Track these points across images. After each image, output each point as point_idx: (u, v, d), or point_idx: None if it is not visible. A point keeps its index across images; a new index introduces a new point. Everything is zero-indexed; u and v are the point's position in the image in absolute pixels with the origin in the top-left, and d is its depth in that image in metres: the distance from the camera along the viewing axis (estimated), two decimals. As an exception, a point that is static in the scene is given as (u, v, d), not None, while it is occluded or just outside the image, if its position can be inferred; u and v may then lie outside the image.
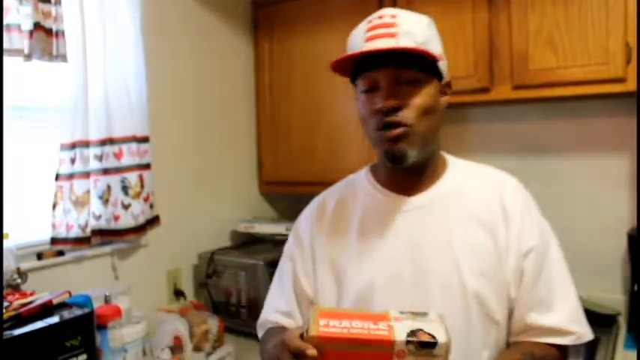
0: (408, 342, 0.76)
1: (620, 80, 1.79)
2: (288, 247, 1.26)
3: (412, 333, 0.77)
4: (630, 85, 1.77)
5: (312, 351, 0.79)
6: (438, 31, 1.09)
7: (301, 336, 0.84)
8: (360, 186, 1.18)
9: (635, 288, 1.85)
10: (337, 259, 1.12)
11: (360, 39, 1.04)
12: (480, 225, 1.04)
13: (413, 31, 1.01)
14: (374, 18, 1.05)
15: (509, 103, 2.19)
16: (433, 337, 0.77)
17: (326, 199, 1.23)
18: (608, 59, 1.80)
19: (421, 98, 1.01)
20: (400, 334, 0.77)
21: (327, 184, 2.40)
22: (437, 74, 1.05)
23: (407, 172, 1.08)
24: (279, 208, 2.80)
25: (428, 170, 1.10)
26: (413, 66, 1.01)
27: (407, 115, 1.00)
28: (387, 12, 1.05)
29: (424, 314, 0.84)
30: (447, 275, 1.01)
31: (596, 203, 2.12)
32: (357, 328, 0.79)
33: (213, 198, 2.42)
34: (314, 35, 2.42)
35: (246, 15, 2.61)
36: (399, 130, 1.01)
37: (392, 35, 1.00)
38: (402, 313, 0.84)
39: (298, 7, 2.45)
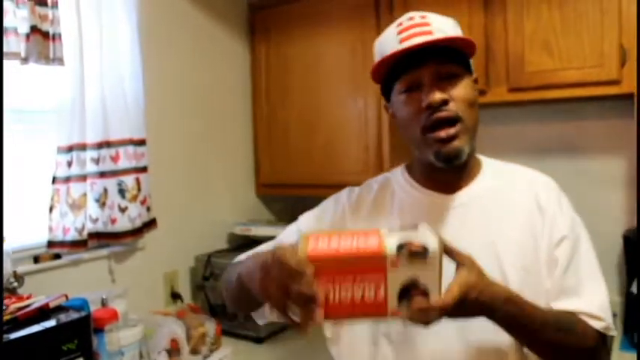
0: (399, 253, 0.76)
1: (615, 82, 1.80)
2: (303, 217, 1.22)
3: (402, 246, 0.76)
4: (625, 88, 1.79)
5: (310, 269, 0.74)
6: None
7: None
8: (396, 183, 1.16)
9: (633, 290, 1.85)
10: None
11: (393, 41, 1.03)
12: (518, 222, 1.04)
13: (444, 28, 1.02)
14: (403, 20, 1.05)
15: (505, 105, 2.20)
16: (424, 247, 0.76)
17: (363, 193, 1.18)
18: (603, 61, 1.81)
19: (465, 90, 1.01)
20: (391, 247, 0.76)
21: (324, 186, 2.42)
22: (469, 69, 1.06)
23: (446, 171, 1.05)
24: (276, 210, 2.80)
25: (466, 169, 1.09)
26: (452, 60, 1.01)
27: (456, 107, 1.00)
28: (415, 14, 1.06)
29: (415, 226, 0.82)
30: (489, 272, 0.97)
31: (592, 204, 2.12)
32: (347, 245, 0.77)
33: (210, 200, 2.42)
34: (311, 38, 2.43)
35: (242, 18, 2.61)
36: (453, 128, 0.99)
37: (428, 33, 1.00)
38: (391, 229, 0.82)
39: (295, 10, 2.46)
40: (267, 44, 2.57)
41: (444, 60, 1.00)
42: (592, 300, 1.00)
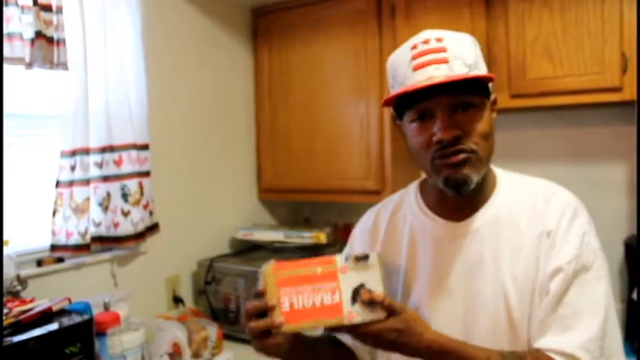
0: (346, 259, 0.96)
1: (616, 89, 1.81)
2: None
3: (348, 257, 0.97)
4: (626, 95, 1.79)
5: (274, 280, 0.93)
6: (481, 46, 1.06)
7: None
8: (409, 206, 1.14)
9: (634, 296, 1.85)
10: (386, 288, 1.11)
11: (407, 67, 0.98)
12: (524, 251, 1.00)
13: (462, 54, 0.97)
14: (418, 42, 0.98)
15: (506, 111, 2.21)
16: (365, 254, 0.97)
17: (379, 214, 1.19)
18: (604, 69, 1.82)
19: (481, 124, 0.97)
20: (340, 258, 0.97)
21: (325, 192, 2.44)
22: (487, 94, 1.01)
23: (458, 196, 1.02)
24: (278, 215, 2.81)
25: (479, 193, 1.04)
26: (468, 91, 0.96)
27: (469, 143, 0.96)
28: (432, 35, 0.98)
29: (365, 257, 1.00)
30: (494, 302, 0.99)
31: (593, 211, 2.10)
32: (306, 263, 0.97)
33: (213, 205, 2.43)
34: (313, 44, 2.44)
35: (245, 23, 2.63)
36: (463, 155, 0.96)
37: (443, 61, 0.95)
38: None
39: (297, 15, 2.47)
40: (269, 49, 2.58)
41: (460, 90, 0.95)
42: (580, 335, 0.93)
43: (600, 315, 0.95)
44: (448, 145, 0.95)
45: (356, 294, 0.93)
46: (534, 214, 1.01)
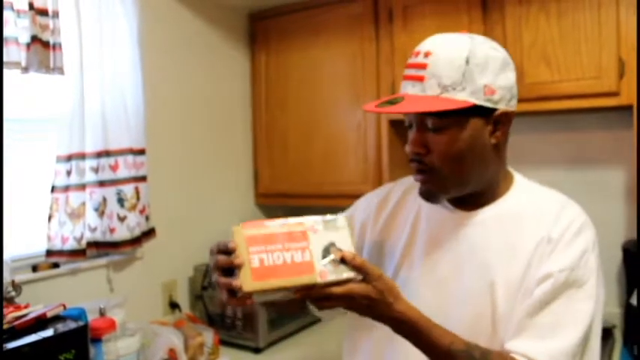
0: (315, 222, 0.94)
1: (614, 94, 1.81)
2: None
3: (317, 219, 0.95)
4: (624, 99, 1.79)
5: (242, 237, 0.91)
6: (493, 56, 0.98)
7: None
8: (416, 190, 1.11)
9: (633, 301, 1.85)
10: (381, 261, 1.13)
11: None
12: (521, 252, 0.99)
13: (443, 73, 0.95)
14: (415, 51, 1.01)
15: (504, 116, 2.21)
16: (335, 217, 0.96)
17: (392, 190, 1.22)
18: (601, 73, 1.82)
19: (445, 145, 0.97)
20: (309, 219, 0.95)
21: (323, 196, 2.44)
22: (479, 112, 0.97)
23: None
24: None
25: (488, 191, 1.05)
26: (437, 113, 0.96)
27: (430, 160, 0.99)
28: (424, 48, 1.00)
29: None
30: (479, 298, 0.98)
31: (591, 216, 2.10)
32: (277, 223, 0.94)
33: (209, 210, 2.42)
34: (310, 48, 2.44)
35: (243, 28, 2.62)
36: (419, 177, 1.02)
37: (419, 79, 0.98)
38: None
39: (295, 20, 2.47)
40: (267, 54, 2.58)
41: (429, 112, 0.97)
42: (552, 347, 0.91)
43: (579, 332, 0.93)
44: (413, 159, 1.01)
45: (327, 252, 0.91)
46: (542, 220, 1.01)
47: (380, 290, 0.91)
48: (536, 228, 1.00)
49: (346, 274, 0.90)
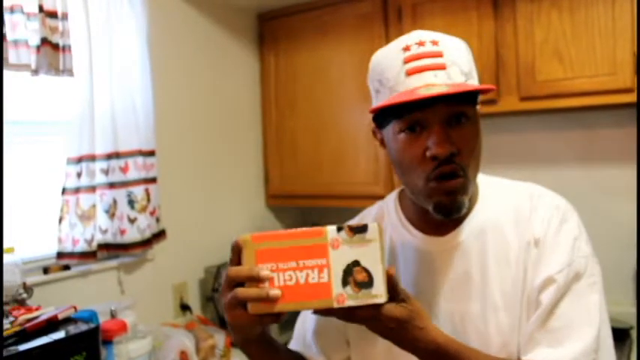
0: (339, 229, 0.79)
1: (629, 90, 1.78)
2: None
3: (341, 227, 0.79)
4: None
5: (252, 251, 0.79)
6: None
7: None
8: (389, 219, 1.06)
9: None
10: None
11: (398, 71, 0.88)
12: (512, 263, 0.94)
13: (459, 60, 0.88)
14: (412, 44, 0.89)
15: (516, 114, 2.18)
16: (364, 225, 0.79)
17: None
18: (616, 69, 1.79)
19: (474, 140, 0.90)
20: (331, 228, 0.80)
21: (333, 197, 2.42)
22: (476, 104, 0.93)
23: (446, 219, 0.95)
24: (285, 221, 2.79)
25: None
26: (465, 101, 0.87)
27: (463, 162, 0.88)
28: (426, 37, 0.89)
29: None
30: (484, 320, 0.93)
31: (607, 215, 2.10)
32: (290, 233, 0.81)
33: (220, 211, 2.41)
34: (319, 48, 2.43)
35: (251, 28, 2.62)
36: (458, 181, 0.88)
37: (441, 67, 0.86)
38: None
39: (303, 20, 2.46)
40: (276, 54, 2.58)
41: (457, 100, 0.86)
42: (571, 350, 0.87)
43: (594, 325, 0.89)
44: (443, 162, 0.87)
45: (348, 273, 0.78)
46: (520, 222, 0.95)
47: (410, 313, 0.82)
48: (518, 233, 0.94)
49: (369, 299, 0.78)
